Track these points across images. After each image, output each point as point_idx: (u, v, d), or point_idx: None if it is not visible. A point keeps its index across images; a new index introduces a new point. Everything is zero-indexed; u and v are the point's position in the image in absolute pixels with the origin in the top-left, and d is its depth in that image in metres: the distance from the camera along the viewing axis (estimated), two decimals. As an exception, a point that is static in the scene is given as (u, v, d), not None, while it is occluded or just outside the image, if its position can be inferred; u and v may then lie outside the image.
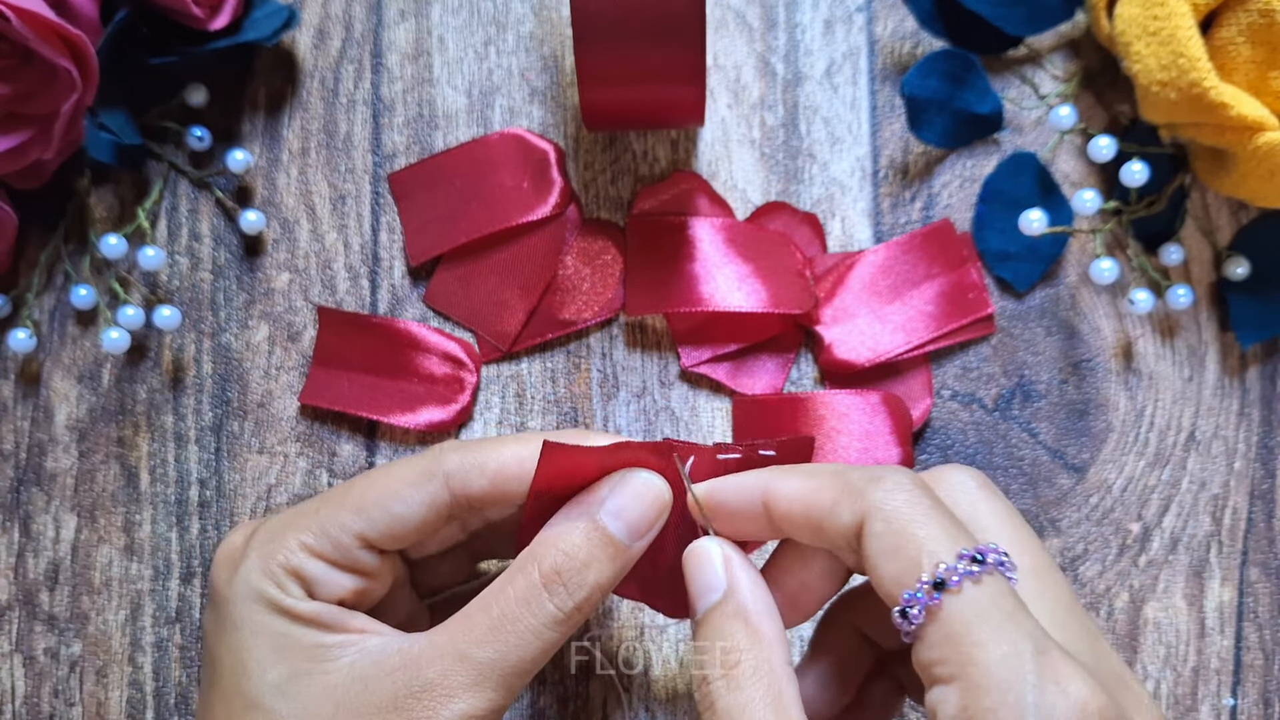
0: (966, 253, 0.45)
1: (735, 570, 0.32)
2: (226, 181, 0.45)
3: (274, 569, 0.34)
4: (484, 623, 0.33)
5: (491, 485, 0.35)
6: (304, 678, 0.33)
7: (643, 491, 0.34)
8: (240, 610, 0.34)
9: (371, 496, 0.35)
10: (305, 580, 0.34)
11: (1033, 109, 0.46)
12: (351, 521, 0.34)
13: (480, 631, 0.32)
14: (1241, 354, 0.45)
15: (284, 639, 0.33)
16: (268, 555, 0.34)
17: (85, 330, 0.45)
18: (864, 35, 0.46)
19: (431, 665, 0.32)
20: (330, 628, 0.34)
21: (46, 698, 0.43)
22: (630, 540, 0.34)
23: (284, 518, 0.35)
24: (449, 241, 0.44)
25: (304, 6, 0.46)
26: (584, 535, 0.33)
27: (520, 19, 0.46)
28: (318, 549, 0.34)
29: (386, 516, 0.35)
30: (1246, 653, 0.44)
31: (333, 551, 0.34)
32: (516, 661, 0.32)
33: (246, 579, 0.34)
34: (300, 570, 0.34)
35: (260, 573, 0.34)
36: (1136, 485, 0.44)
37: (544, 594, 0.33)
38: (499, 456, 0.35)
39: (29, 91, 0.40)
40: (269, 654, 0.33)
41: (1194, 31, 0.40)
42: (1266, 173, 0.40)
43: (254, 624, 0.34)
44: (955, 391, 0.45)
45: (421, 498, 0.35)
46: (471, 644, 0.32)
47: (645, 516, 0.34)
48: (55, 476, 0.44)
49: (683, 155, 0.46)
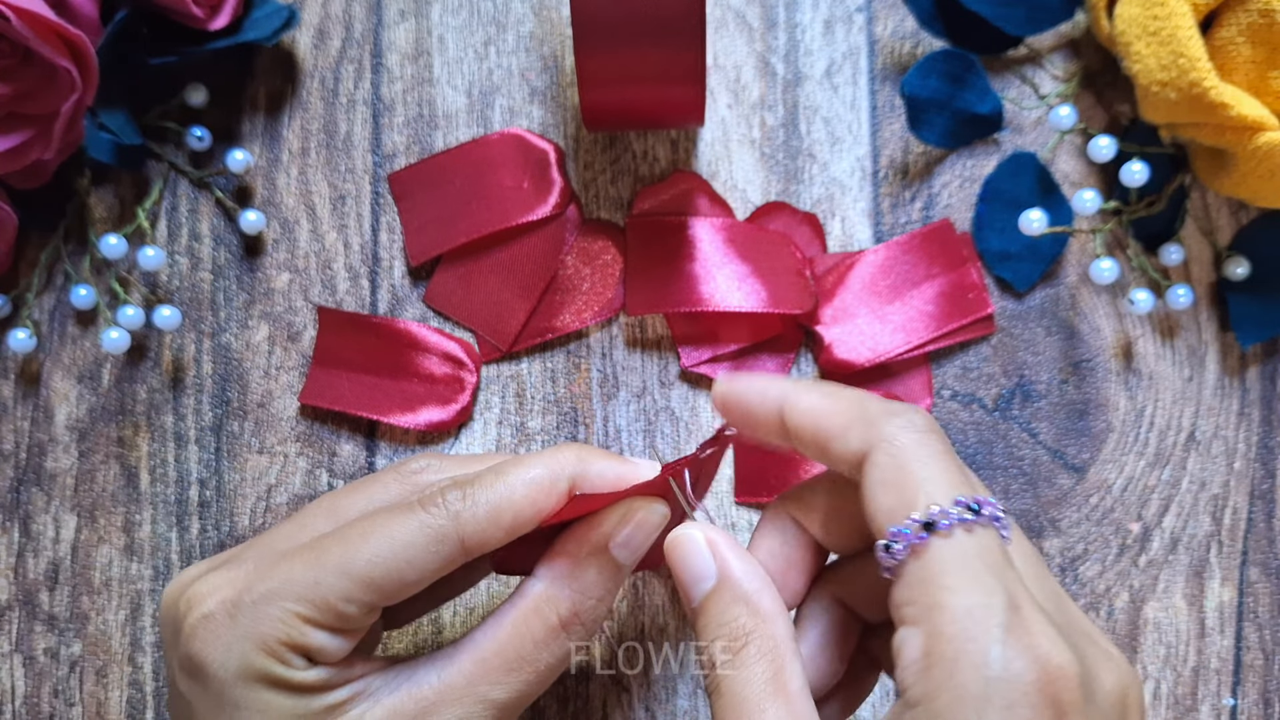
0: (966, 253, 0.45)
1: (723, 553, 0.32)
2: (226, 181, 0.45)
3: (272, 646, 0.31)
4: (500, 665, 0.33)
5: (506, 537, 0.33)
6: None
7: (648, 522, 0.34)
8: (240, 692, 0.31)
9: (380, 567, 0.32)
10: (307, 651, 0.32)
11: (1033, 109, 0.46)
12: (358, 593, 0.32)
13: (498, 674, 0.33)
14: (1241, 354, 0.45)
15: (293, 712, 0.32)
16: (262, 632, 0.31)
17: (85, 330, 0.45)
18: (864, 35, 0.46)
19: (450, 709, 0.32)
20: (335, 686, 0.32)
21: (46, 698, 0.43)
22: (631, 562, 0.35)
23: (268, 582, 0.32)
24: (449, 241, 0.44)
25: (304, 6, 0.46)
26: (598, 572, 0.34)
27: (520, 19, 0.46)
28: (319, 620, 0.32)
29: (397, 585, 0.32)
30: (1246, 653, 0.44)
31: (335, 621, 0.32)
32: (530, 695, 0.34)
33: (243, 658, 0.31)
34: (302, 644, 0.32)
35: (256, 649, 0.31)
36: (1136, 485, 0.44)
37: (563, 636, 0.33)
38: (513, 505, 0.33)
39: (29, 91, 0.40)
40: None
41: (1194, 31, 0.40)
42: (1266, 173, 0.40)
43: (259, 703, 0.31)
44: (955, 391, 0.45)
45: (436, 565, 0.33)
46: (490, 686, 0.33)
47: (648, 541, 0.34)
48: (55, 476, 0.44)
49: (683, 155, 0.46)
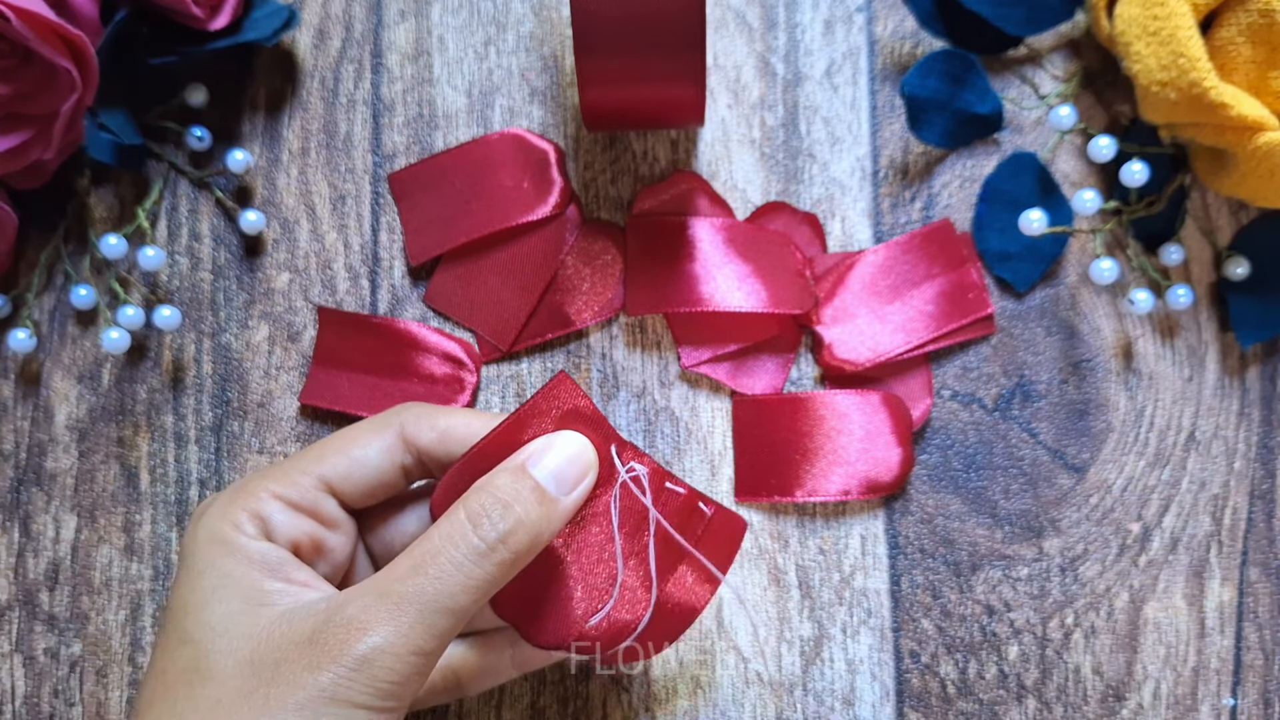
0: (966, 253, 0.45)
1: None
2: (226, 181, 0.45)
3: (234, 511, 0.35)
4: (406, 562, 0.33)
5: (439, 439, 0.37)
6: (237, 616, 0.33)
7: (567, 448, 0.35)
8: (196, 553, 0.35)
9: (333, 444, 0.37)
10: (263, 520, 0.35)
11: (1033, 109, 0.46)
12: (313, 465, 0.37)
13: (402, 569, 0.33)
14: (1241, 354, 0.45)
15: (227, 578, 0.34)
16: (230, 501, 0.36)
17: (85, 330, 0.45)
18: (864, 35, 0.46)
19: (351, 603, 0.32)
20: (274, 573, 0.34)
21: (46, 698, 0.43)
22: (558, 491, 0.35)
23: (253, 473, 0.38)
24: (449, 241, 0.44)
25: (304, 6, 0.46)
26: (509, 477, 0.34)
27: (520, 19, 0.46)
28: (279, 492, 0.36)
29: (345, 460, 0.37)
30: (1246, 653, 0.44)
31: (292, 492, 0.36)
32: (436, 594, 0.32)
33: (208, 524, 0.35)
34: (259, 511, 0.35)
35: (220, 515, 0.35)
36: (1136, 485, 0.44)
37: (468, 527, 0.33)
38: (452, 417, 0.37)
39: (29, 91, 0.40)
40: (211, 593, 0.34)
41: (1194, 31, 0.40)
42: (1266, 173, 0.40)
43: (203, 564, 0.34)
44: (955, 391, 0.45)
45: (378, 443, 0.37)
46: (392, 581, 0.32)
47: (570, 470, 0.35)
48: (55, 476, 0.44)
49: (683, 155, 0.46)
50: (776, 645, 0.43)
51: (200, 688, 0.32)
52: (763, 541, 0.44)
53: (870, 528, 0.44)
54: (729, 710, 0.43)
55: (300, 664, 0.31)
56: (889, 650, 0.43)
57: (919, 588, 0.44)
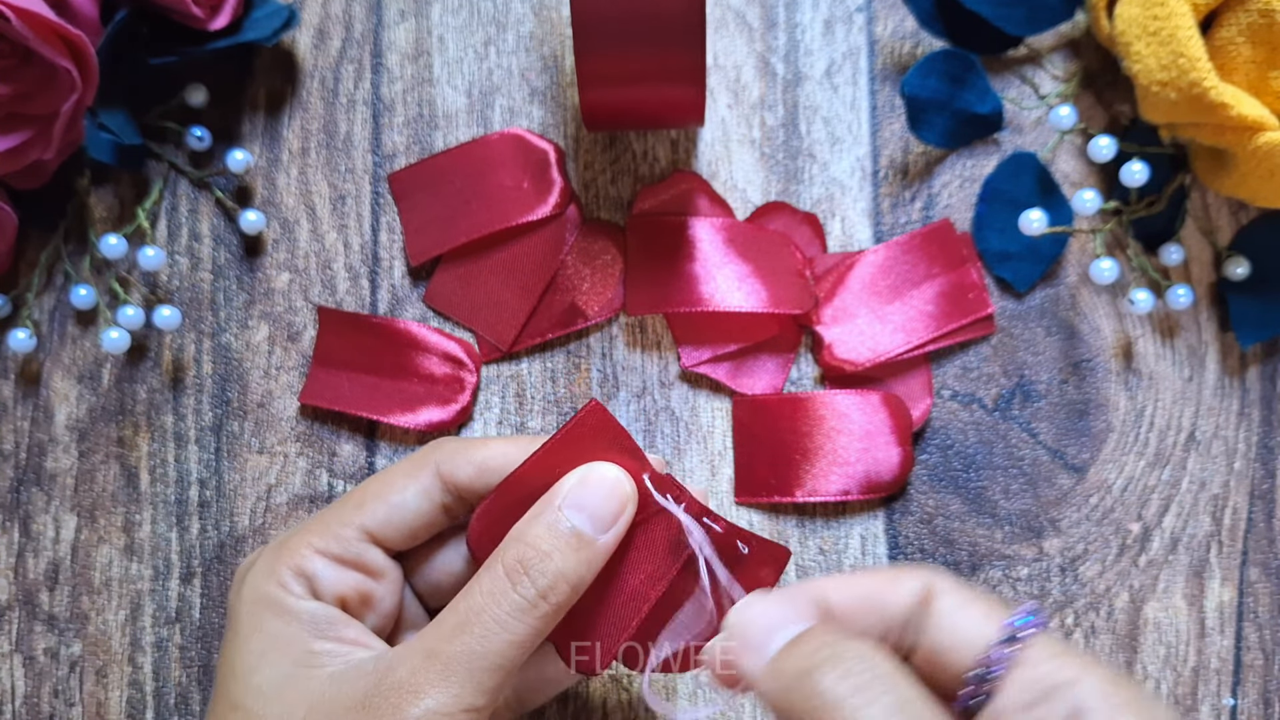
0: (966, 253, 0.45)
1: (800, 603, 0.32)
2: (226, 181, 0.45)
3: (279, 570, 0.35)
4: (451, 620, 0.33)
5: (477, 474, 0.36)
6: (287, 681, 0.33)
7: (603, 483, 0.34)
8: (242, 614, 0.35)
9: (371, 491, 0.37)
10: (309, 578, 0.35)
11: (1033, 109, 0.46)
12: (353, 516, 0.36)
13: (448, 629, 0.33)
14: (1241, 354, 0.45)
15: (276, 641, 0.34)
16: (275, 559, 0.35)
17: (85, 330, 0.45)
18: (864, 35, 0.46)
19: (401, 665, 0.32)
20: (323, 633, 0.34)
21: (46, 698, 0.43)
22: (595, 532, 0.34)
23: (294, 529, 0.37)
24: (449, 241, 0.44)
25: (304, 6, 0.46)
26: (545, 527, 0.34)
27: (520, 19, 0.46)
28: (322, 547, 0.35)
29: (384, 506, 0.36)
30: (1246, 653, 0.44)
31: (335, 546, 0.35)
32: (484, 654, 0.32)
33: (253, 583, 0.35)
34: (303, 569, 0.35)
35: (266, 575, 0.35)
36: (1136, 485, 0.44)
37: (507, 584, 0.33)
38: (486, 449, 0.37)
39: (29, 91, 0.40)
40: (259, 657, 0.34)
41: (1194, 31, 0.40)
42: (1266, 173, 0.40)
43: (251, 626, 0.34)
44: (955, 391, 0.45)
45: (415, 486, 0.36)
46: (439, 641, 0.33)
47: (607, 507, 0.34)
48: (55, 476, 0.44)
49: (683, 155, 0.46)
50: (776, 645, 0.43)
51: None
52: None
53: (870, 528, 0.44)
54: (729, 710, 0.43)
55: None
56: (889, 650, 0.43)
57: (919, 588, 0.44)
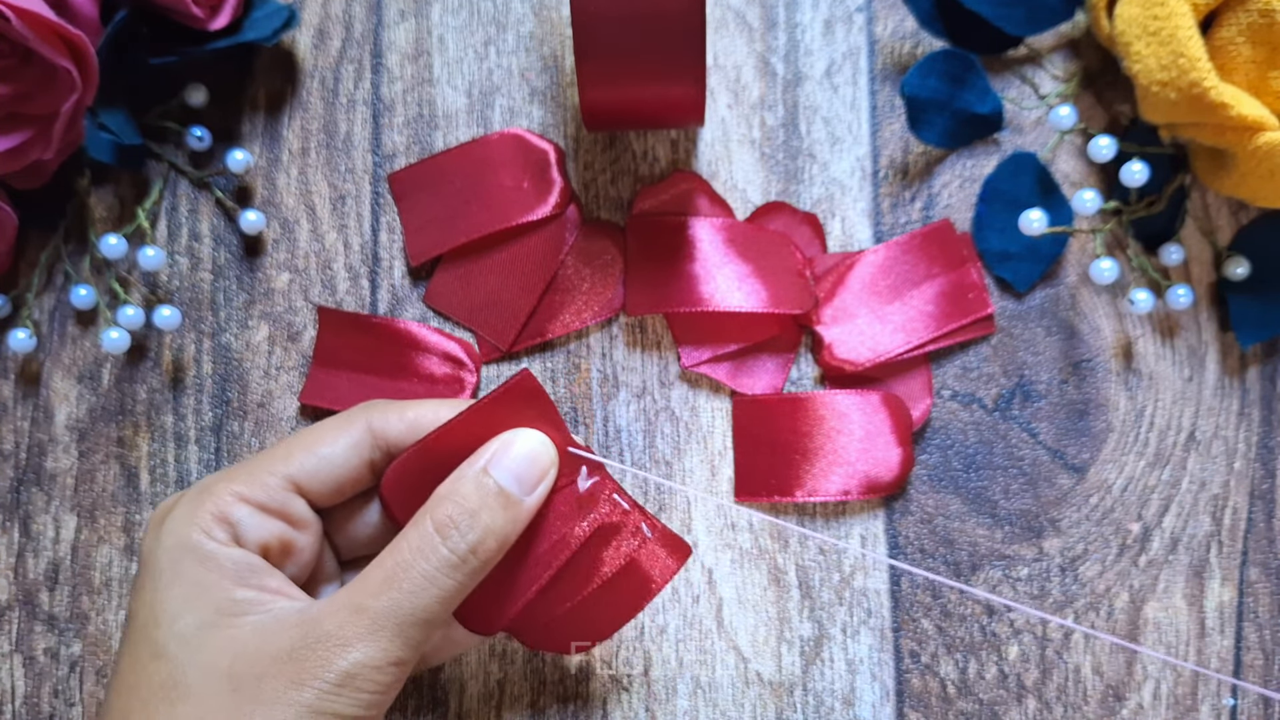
0: (966, 253, 0.45)
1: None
2: (226, 181, 0.45)
3: (201, 515, 0.35)
4: (379, 575, 0.33)
5: (408, 430, 0.37)
6: (210, 629, 0.33)
7: (527, 447, 0.36)
8: (162, 559, 0.34)
9: (300, 442, 0.37)
10: (231, 525, 0.35)
11: (1033, 109, 0.46)
12: (280, 465, 0.36)
13: (375, 583, 0.33)
14: (1241, 354, 0.45)
15: (198, 588, 0.34)
16: (197, 504, 0.35)
17: (85, 330, 0.45)
18: (864, 35, 0.46)
19: (328, 618, 0.33)
20: (245, 581, 0.34)
21: (46, 698, 0.43)
22: (521, 492, 0.35)
23: (217, 473, 0.37)
24: (449, 241, 0.44)
25: (304, 6, 0.46)
26: (473, 484, 0.35)
27: (520, 19, 0.46)
28: (246, 494, 0.35)
29: (313, 458, 0.36)
30: (1246, 653, 0.44)
31: (260, 494, 0.35)
32: (411, 609, 0.33)
33: (173, 528, 0.35)
34: (227, 515, 0.35)
35: (187, 520, 0.35)
36: (1136, 485, 0.44)
37: (436, 539, 0.34)
38: (419, 408, 0.37)
39: (29, 91, 0.40)
40: (182, 603, 0.33)
41: (1194, 31, 0.40)
42: (1266, 173, 0.40)
43: (173, 573, 0.34)
44: (955, 391, 0.45)
45: (345, 440, 0.37)
46: (367, 595, 0.33)
47: (533, 469, 0.36)
48: (55, 476, 0.44)
49: (683, 155, 0.46)
50: (776, 645, 0.43)
51: (180, 705, 0.32)
52: (763, 541, 0.44)
53: (870, 528, 0.44)
54: (729, 710, 0.43)
55: (282, 680, 0.32)
56: (889, 650, 0.43)
57: (919, 588, 0.44)
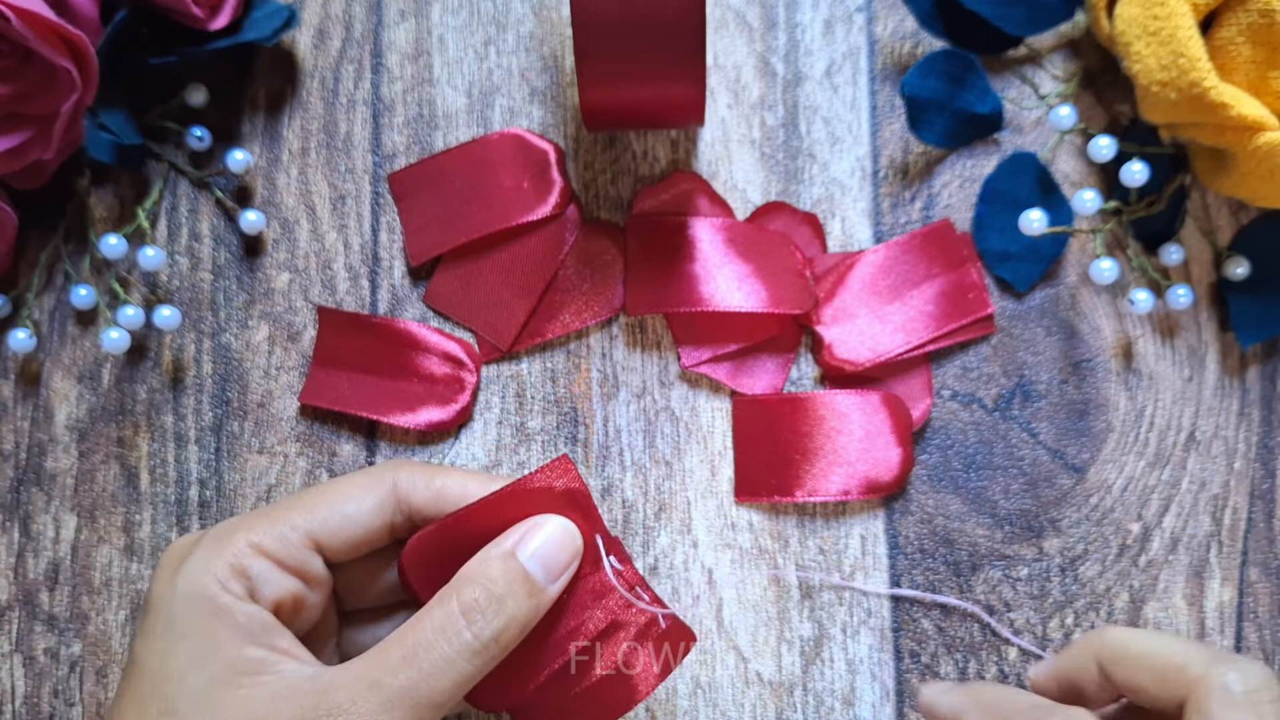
0: (966, 253, 0.45)
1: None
2: (226, 181, 0.45)
3: (218, 565, 0.34)
4: (398, 652, 0.33)
5: (434, 499, 0.36)
6: (222, 688, 0.32)
7: (556, 535, 0.35)
8: (177, 608, 0.34)
9: (324, 498, 0.36)
10: (248, 578, 0.34)
11: (1033, 109, 0.46)
12: (303, 520, 0.35)
13: (394, 660, 0.32)
14: (1241, 354, 0.45)
15: (211, 643, 0.33)
16: (215, 553, 0.34)
17: (85, 330, 0.45)
18: (864, 35, 0.46)
19: (341, 690, 0.32)
20: (258, 640, 0.33)
21: (46, 698, 0.43)
22: (546, 580, 0.35)
23: (237, 519, 0.36)
24: (449, 241, 0.44)
25: (304, 6, 0.46)
26: (502, 570, 0.34)
27: (520, 19, 0.46)
28: (266, 547, 0.35)
29: (337, 516, 0.36)
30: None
31: (280, 549, 0.35)
32: (428, 691, 0.32)
33: (190, 576, 0.34)
34: (245, 568, 0.34)
35: (204, 569, 0.34)
36: (1136, 485, 0.44)
37: (461, 622, 0.33)
38: (447, 478, 0.37)
39: (29, 91, 0.40)
40: (194, 658, 0.33)
41: (1194, 31, 0.40)
42: (1266, 173, 0.40)
43: (186, 624, 0.33)
44: (955, 391, 0.45)
45: (371, 500, 0.36)
46: (384, 672, 0.32)
47: (560, 558, 0.35)
48: (55, 476, 0.44)
49: (683, 155, 0.46)
50: (776, 645, 0.43)
51: None
52: (763, 541, 0.44)
53: (870, 528, 0.44)
54: (729, 710, 0.43)
55: None
56: (889, 650, 0.43)
57: (919, 588, 0.44)
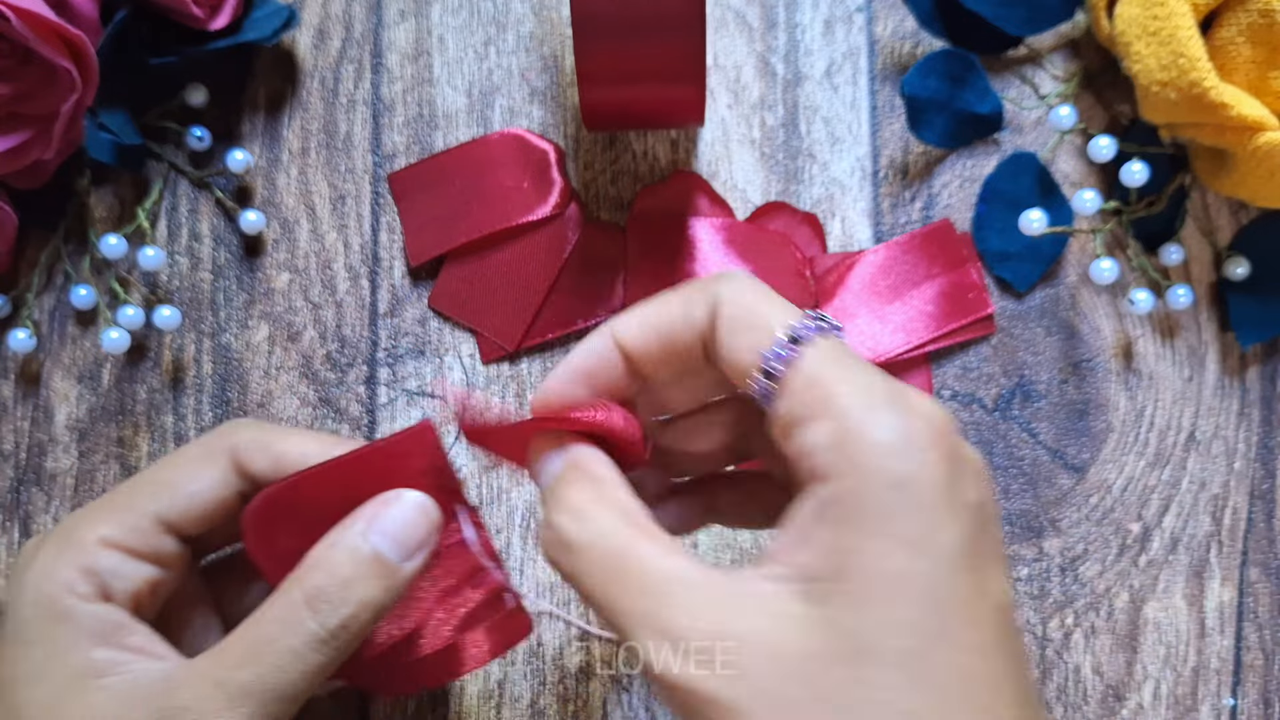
0: (966, 253, 0.45)
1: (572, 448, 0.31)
2: (226, 181, 0.45)
3: (62, 568, 0.32)
4: (240, 647, 0.31)
5: (273, 467, 0.35)
6: (68, 693, 0.31)
7: (410, 511, 0.33)
8: (24, 613, 0.32)
9: (164, 477, 0.35)
10: (97, 575, 0.33)
11: (1033, 109, 0.46)
12: (148, 504, 0.34)
13: (237, 655, 0.31)
14: (1241, 354, 0.45)
15: (56, 649, 0.32)
16: (59, 554, 0.33)
17: (85, 330, 0.45)
18: (864, 35, 0.46)
19: (186, 689, 0.31)
20: (106, 640, 0.32)
21: (46, 698, 0.43)
22: (399, 558, 0.33)
23: (81, 513, 0.34)
24: (449, 242, 0.44)
25: (304, 6, 0.46)
26: (348, 553, 0.32)
27: (520, 19, 0.46)
28: (115, 539, 0.33)
29: (183, 496, 0.34)
30: (1246, 653, 0.44)
31: (131, 538, 0.33)
32: (275, 685, 0.31)
33: (34, 582, 0.33)
34: (93, 566, 0.33)
35: (48, 574, 0.32)
36: (1136, 485, 0.44)
37: (305, 612, 0.31)
38: (286, 442, 0.35)
39: (29, 91, 0.40)
40: (39, 665, 0.32)
41: (1194, 31, 0.40)
42: (1266, 173, 0.40)
43: (31, 634, 0.32)
44: (955, 391, 0.45)
45: (211, 474, 0.35)
46: (228, 668, 0.31)
47: (414, 534, 0.33)
48: (55, 476, 0.44)
49: (683, 155, 0.46)
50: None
51: None
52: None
53: (870, 528, 0.44)
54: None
55: None
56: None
57: (919, 588, 0.44)
